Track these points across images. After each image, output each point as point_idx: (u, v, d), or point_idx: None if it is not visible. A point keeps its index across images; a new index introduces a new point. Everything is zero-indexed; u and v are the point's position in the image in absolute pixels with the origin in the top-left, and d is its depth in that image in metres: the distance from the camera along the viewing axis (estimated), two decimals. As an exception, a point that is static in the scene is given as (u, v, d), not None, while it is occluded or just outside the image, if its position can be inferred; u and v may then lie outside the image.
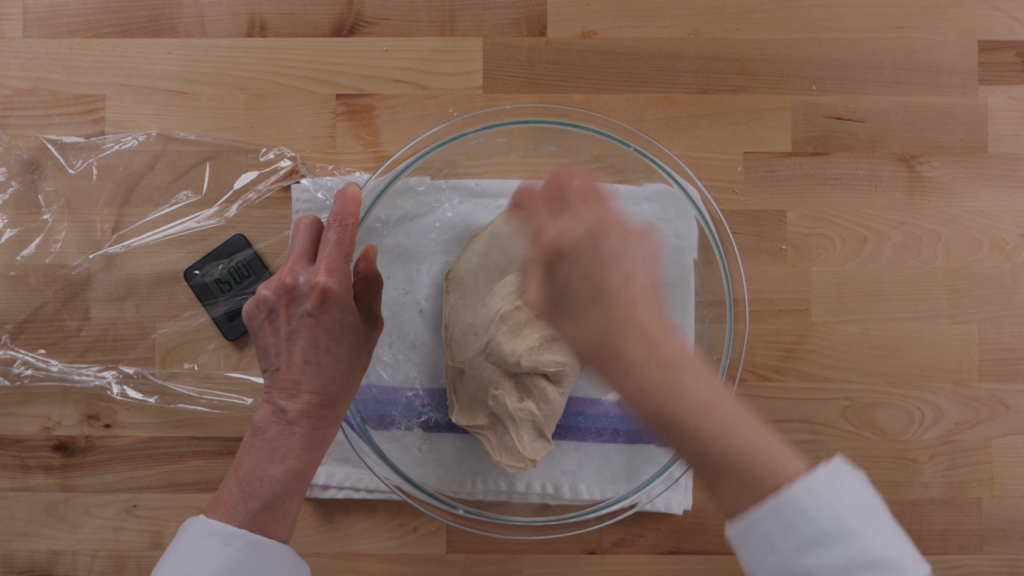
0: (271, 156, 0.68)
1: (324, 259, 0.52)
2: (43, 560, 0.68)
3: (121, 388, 0.67)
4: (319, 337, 0.51)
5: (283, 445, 0.50)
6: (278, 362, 0.52)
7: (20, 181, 0.68)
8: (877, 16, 0.69)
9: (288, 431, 0.50)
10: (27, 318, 0.68)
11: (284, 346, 0.51)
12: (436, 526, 0.68)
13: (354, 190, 0.55)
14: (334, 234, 0.53)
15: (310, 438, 0.51)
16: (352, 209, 0.54)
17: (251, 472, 0.50)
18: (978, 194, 0.69)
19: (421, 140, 0.63)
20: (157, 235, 0.67)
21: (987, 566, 0.68)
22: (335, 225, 0.53)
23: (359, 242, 0.64)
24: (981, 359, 0.68)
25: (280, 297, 0.51)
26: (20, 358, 0.67)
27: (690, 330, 0.66)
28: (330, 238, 0.53)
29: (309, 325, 0.51)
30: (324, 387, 0.51)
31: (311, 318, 0.51)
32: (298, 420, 0.50)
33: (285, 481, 0.50)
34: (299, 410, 0.51)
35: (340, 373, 0.52)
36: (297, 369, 0.51)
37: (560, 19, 0.69)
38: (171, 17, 0.69)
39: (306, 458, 0.51)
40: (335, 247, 0.52)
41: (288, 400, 0.51)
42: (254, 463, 0.50)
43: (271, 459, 0.50)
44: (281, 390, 0.51)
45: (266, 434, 0.51)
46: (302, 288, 0.51)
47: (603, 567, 0.68)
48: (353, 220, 0.53)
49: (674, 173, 0.64)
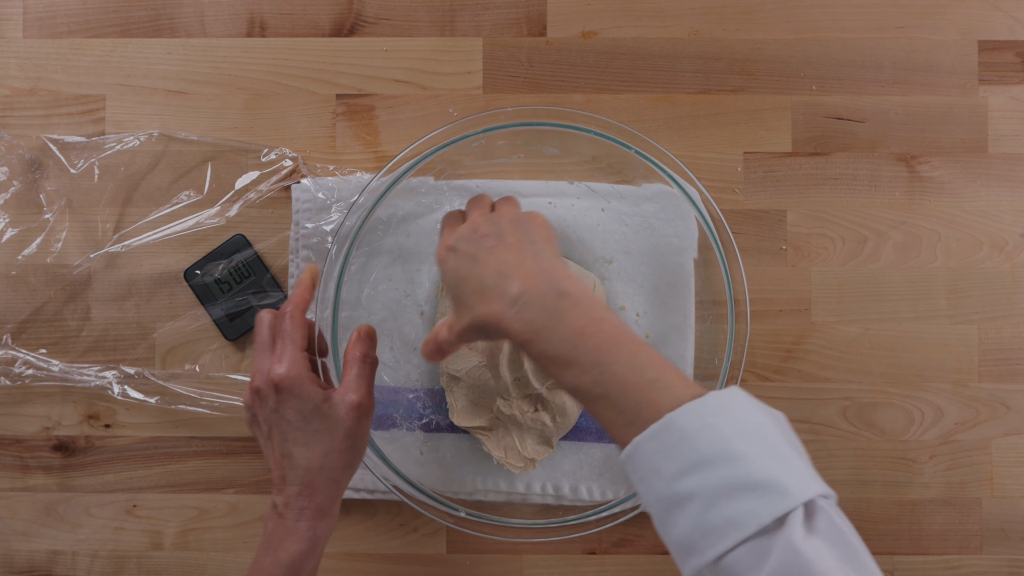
0: (272, 156, 0.68)
1: (272, 353, 0.54)
2: (43, 560, 0.68)
3: (122, 388, 0.67)
4: (285, 431, 0.53)
5: (275, 538, 0.52)
6: (267, 459, 0.55)
7: (22, 180, 0.68)
8: (877, 16, 0.69)
9: (279, 525, 0.53)
10: (28, 318, 0.68)
11: (267, 444, 0.54)
12: (436, 526, 0.68)
13: (305, 277, 0.58)
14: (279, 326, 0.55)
15: (296, 530, 0.52)
16: (297, 299, 0.56)
17: (254, 564, 0.53)
18: (978, 194, 0.69)
19: (423, 142, 0.63)
20: (158, 235, 0.67)
21: (987, 566, 0.68)
22: (284, 317, 0.55)
23: (371, 250, 0.64)
24: (981, 359, 0.68)
25: (254, 401, 0.54)
26: (21, 357, 0.67)
27: (690, 330, 0.66)
28: (278, 331, 0.55)
29: (275, 420, 0.53)
30: (301, 478, 0.53)
31: (275, 414, 0.53)
32: (285, 514, 0.53)
33: (277, 572, 0.52)
34: (284, 503, 0.53)
35: (313, 463, 0.53)
36: (278, 464, 0.53)
37: (560, 19, 0.69)
38: (171, 17, 0.69)
39: (294, 550, 0.52)
40: (280, 339, 0.54)
41: (277, 494, 0.53)
42: (257, 557, 0.53)
43: (266, 552, 0.53)
44: (274, 485, 0.54)
45: (265, 528, 0.54)
46: (263, 387, 0.53)
47: (603, 567, 0.68)
48: (297, 308, 0.55)
49: (674, 174, 0.64)
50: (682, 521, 0.41)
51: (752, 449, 0.41)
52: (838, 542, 0.39)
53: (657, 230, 0.66)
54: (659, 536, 0.43)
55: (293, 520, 0.52)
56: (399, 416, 0.67)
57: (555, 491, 0.66)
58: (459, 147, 0.63)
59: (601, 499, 0.66)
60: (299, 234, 0.67)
